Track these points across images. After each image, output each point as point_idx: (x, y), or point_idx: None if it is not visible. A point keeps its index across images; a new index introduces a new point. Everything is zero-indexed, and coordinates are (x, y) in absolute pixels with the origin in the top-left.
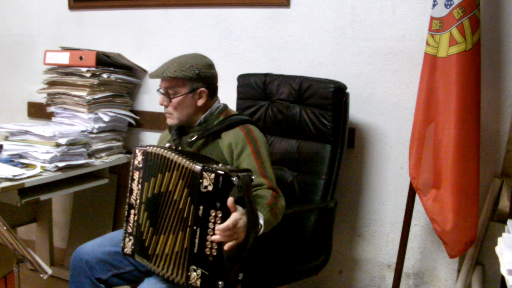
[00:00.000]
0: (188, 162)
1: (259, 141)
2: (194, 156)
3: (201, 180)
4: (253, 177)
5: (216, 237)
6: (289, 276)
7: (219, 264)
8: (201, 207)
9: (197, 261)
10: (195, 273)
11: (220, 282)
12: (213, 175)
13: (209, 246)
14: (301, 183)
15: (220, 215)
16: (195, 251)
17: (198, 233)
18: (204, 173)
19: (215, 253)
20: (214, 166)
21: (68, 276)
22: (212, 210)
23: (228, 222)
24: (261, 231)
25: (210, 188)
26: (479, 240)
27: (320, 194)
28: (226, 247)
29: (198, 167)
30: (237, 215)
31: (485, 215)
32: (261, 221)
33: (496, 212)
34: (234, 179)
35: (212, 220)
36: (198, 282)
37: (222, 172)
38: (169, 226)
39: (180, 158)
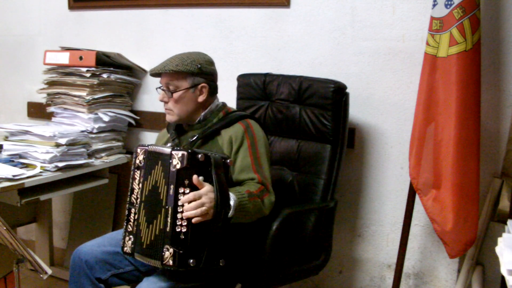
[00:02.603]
0: (163, 149)
1: (257, 137)
2: None
3: (171, 160)
4: (228, 161)
5: (183, 209)
6: (289, 276)
7: (190, 242)
8: (172, 186)
9: (170, 240)
10: (168, 252)
11: (191, 260)
12: (180, 153)
13: (179, 223)
14: (301, 183)
15: (188, 192)
16: (168, 230)
17: (170, 212)
18: (172, 152)
19: (184, 230)
20: (184, 147)
21: (68, 276)
22: (181, 188)
23: (190, 194)
24: (231, 212)
25: (178, 166)
26: (479, 240)
27: (320, 194)
28: (186, 214)
29: (168, 149)
30: (202, 191)
31: (485, 215)
32: (231, 203)
33: (496, 212)
34: (199, 156)
35: (181, 198)
36: (171, 261)
37: (189, 150)
38: (154, 214)
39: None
